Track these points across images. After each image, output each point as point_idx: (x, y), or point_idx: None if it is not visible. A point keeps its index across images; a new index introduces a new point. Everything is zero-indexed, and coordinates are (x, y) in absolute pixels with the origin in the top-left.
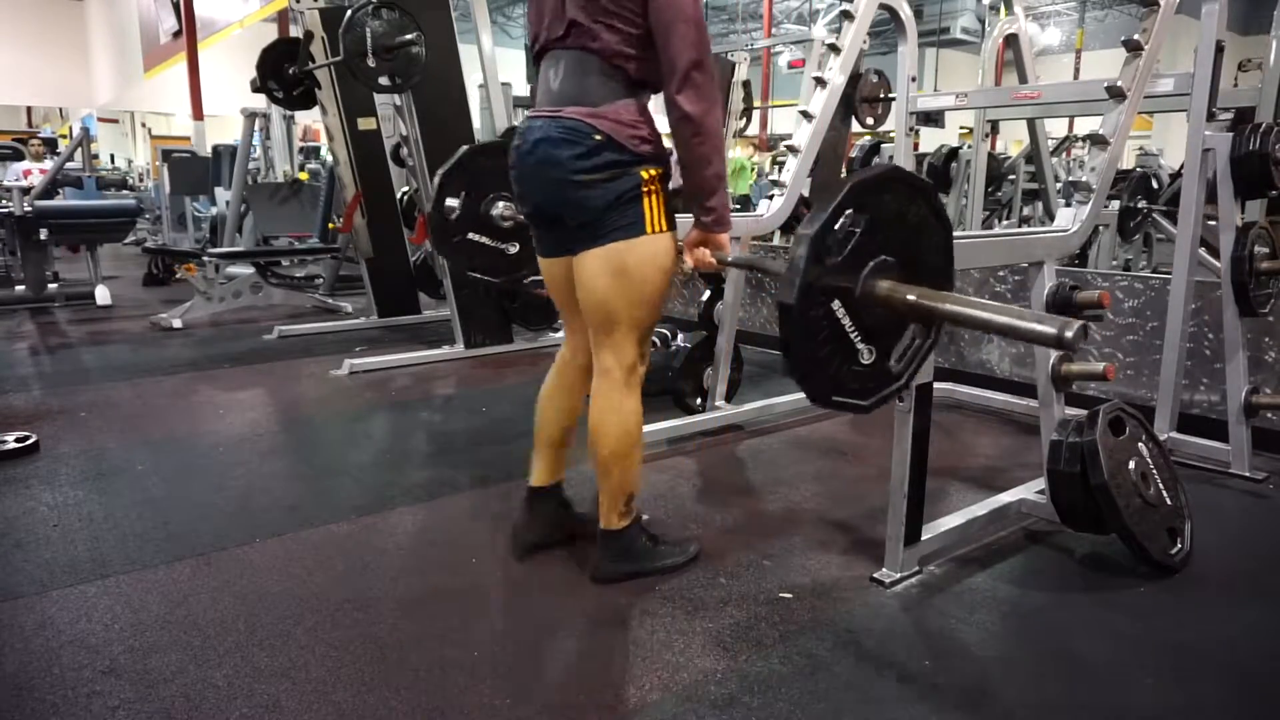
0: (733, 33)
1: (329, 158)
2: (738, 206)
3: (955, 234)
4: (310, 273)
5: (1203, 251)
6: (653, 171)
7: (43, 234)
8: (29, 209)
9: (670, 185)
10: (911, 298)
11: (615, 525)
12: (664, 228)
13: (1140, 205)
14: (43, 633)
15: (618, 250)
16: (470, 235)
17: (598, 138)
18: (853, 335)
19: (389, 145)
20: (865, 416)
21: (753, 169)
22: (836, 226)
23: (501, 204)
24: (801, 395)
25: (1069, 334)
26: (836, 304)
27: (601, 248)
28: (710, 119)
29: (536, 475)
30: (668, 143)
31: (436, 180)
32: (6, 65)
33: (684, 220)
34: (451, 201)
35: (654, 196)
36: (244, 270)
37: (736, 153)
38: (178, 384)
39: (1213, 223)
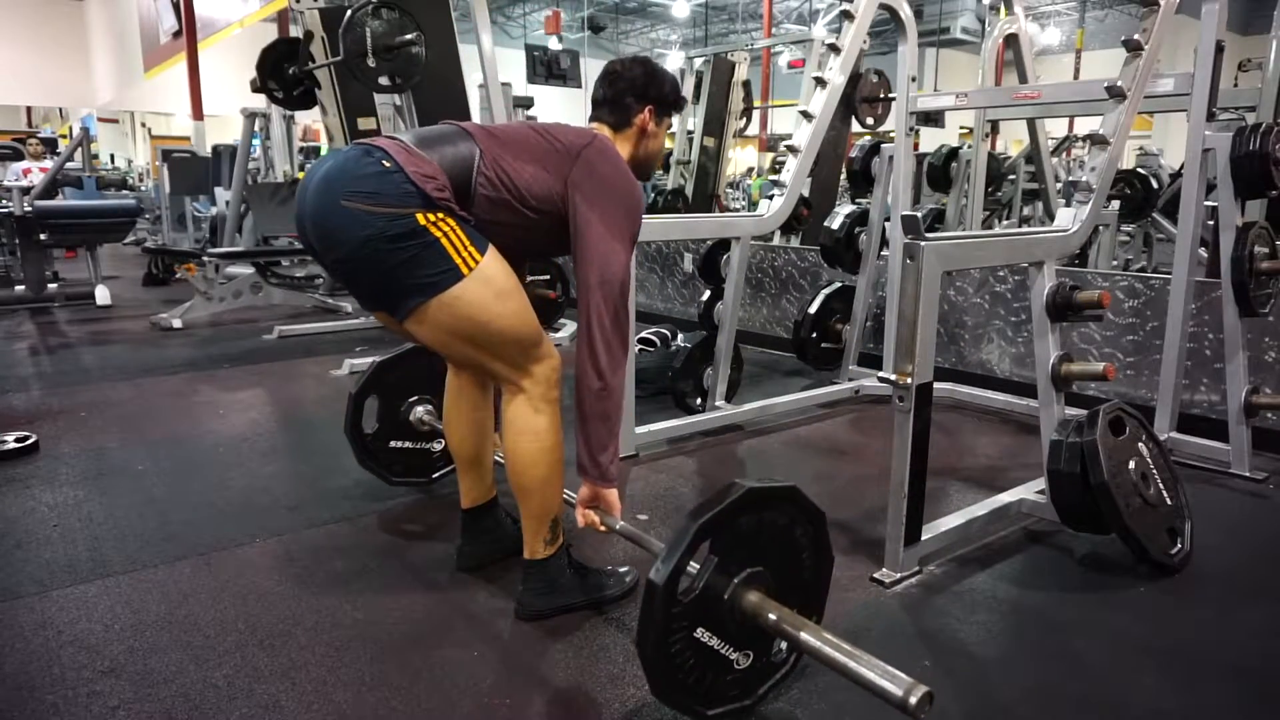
0: (733, 33)
1: None
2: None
3: (956, 234)
4: (310, 273)
5: (1202, 251)
6: (433, 216)
7: (43, 236)
8: (29, 209)
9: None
10: (773, 618)
11: (539, 555)
12: (479, 257)
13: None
14: (43, 633)
15: (445, 307)
16: (392, 444)
17: (386, 164)
18: (724, 651)
19: None
20: (866, 416)
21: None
22: (685, 568)
23: (420, 408)
24: (802, 395)
25: (913, 700)
26: (700, 630)
27: (424, 309)
28: (617, 379)
29: (464, 497)
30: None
31: (350, 405)
32: (6, 65)
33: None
34: (368, 423)
35: (451, 233)
36: (244, 270)
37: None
38: (178, 384)
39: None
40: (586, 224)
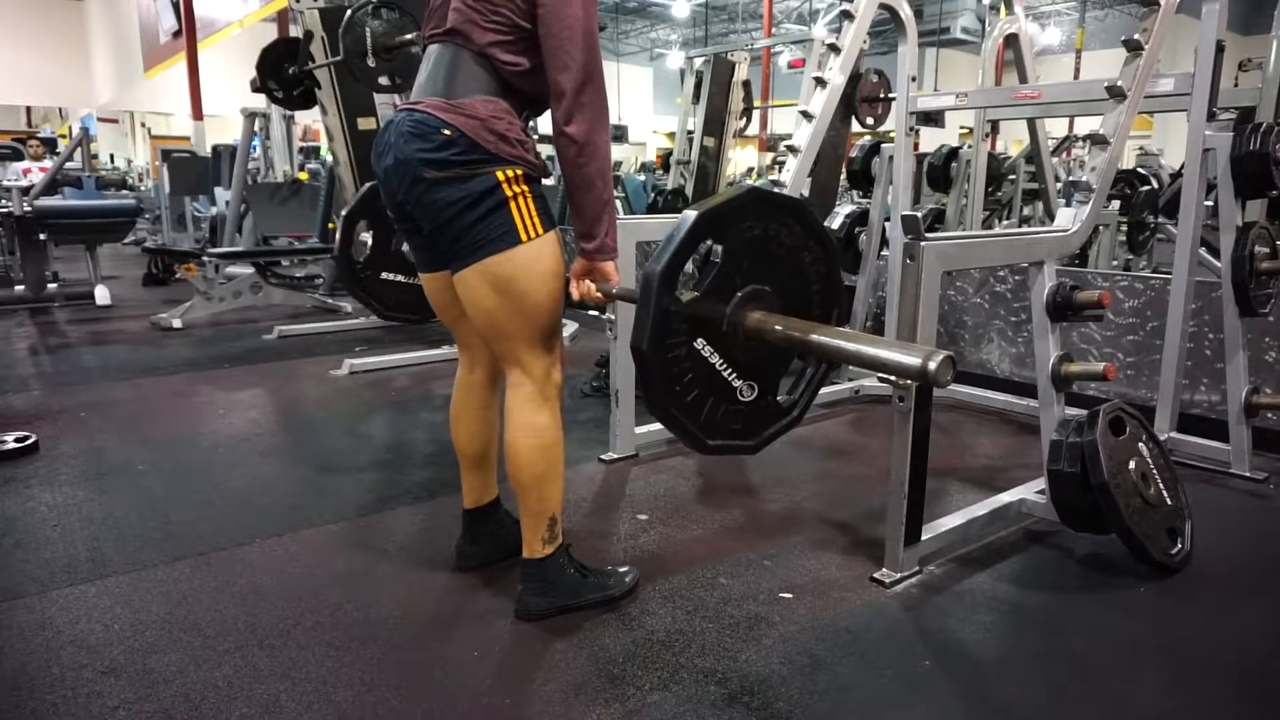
0: (733, 33)
1: (329, 158)
2: None
3: (955, 234)
4: (310, 273)
5: (1203, 251)
6: (512, 172)
7: (42, 235)
8: (28, 209)
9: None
10: (779, 328)
11: (538, 553)
12: (540, 231)
13: (1149, 220)
14: (43, 633)
15: (495, 265)
16: (384, 274)
17: (446, 133)
18: (726, 373)
19: None
20: (866, 416)
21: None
22: (687, 261)
23: None
24: None
25: (932, 365)
26: (700, 342)
27: (478, 264)
28: (597, 138)
29: (466, 497)
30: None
31: (341, 222)
32: (6, 65)
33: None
34: (364, 237)
35: (522, 199)
36: (244, 270)
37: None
38: (178, 384)
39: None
40: None
